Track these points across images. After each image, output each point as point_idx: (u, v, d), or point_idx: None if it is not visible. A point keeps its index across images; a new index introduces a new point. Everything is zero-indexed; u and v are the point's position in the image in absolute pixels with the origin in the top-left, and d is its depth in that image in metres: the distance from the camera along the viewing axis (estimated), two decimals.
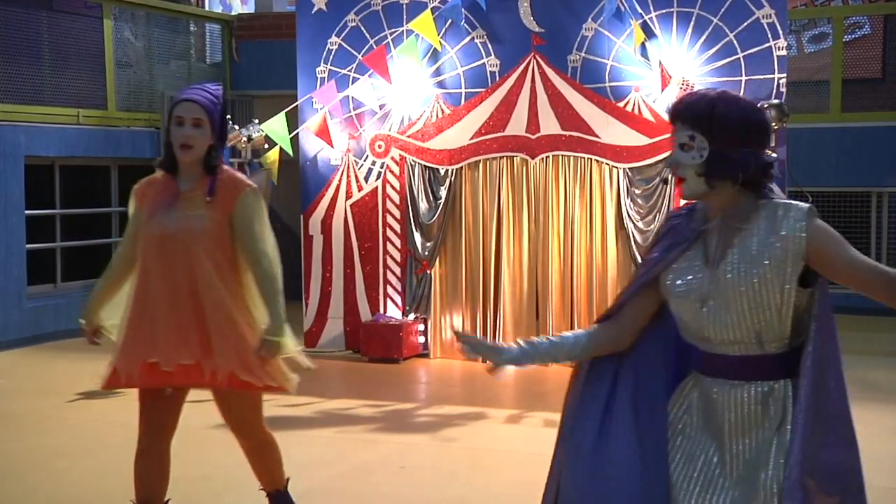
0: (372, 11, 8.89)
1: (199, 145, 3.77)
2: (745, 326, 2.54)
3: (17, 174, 9.65)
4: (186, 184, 3.83)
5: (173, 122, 3.79)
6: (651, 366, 2.79)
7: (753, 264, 2.52)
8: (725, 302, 2.55)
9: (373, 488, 5.36)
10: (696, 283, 2.60)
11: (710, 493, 2.60)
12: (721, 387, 2.60)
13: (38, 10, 10.31)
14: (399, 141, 8.85)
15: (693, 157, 2.53)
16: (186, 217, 3.77)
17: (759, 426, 2.57)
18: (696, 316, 2.60)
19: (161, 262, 3.78)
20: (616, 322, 2.78)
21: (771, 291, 2.51)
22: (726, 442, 2.61)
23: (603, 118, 8.23)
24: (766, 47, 7.81)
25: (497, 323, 8.66)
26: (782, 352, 2.58)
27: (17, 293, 9.66)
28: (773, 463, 2.53)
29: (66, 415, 6.97)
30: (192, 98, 3.81)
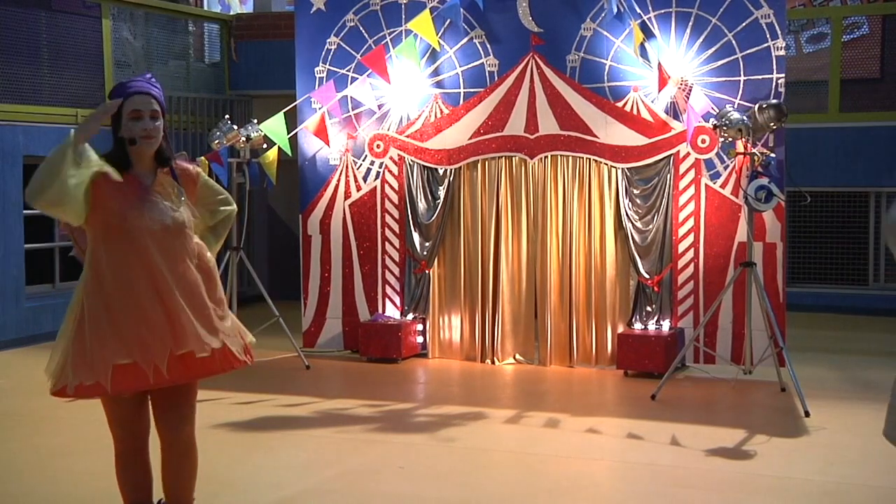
0: (371, 11, 8.89)
1: (159, 136, 3.83)
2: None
3: (15, 174, 9.65)
4: (146, 177, 3.85)
5: (128, 116, 3.77)
6: None
7: None
8: None
9: (371, 488, 5.36)
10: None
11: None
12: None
13: (37, 9, 10.30)
14: (398, 141, 8.85)
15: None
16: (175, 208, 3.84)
17: None
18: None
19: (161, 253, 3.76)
20: None
21: None
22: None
23: (602, 118, 8.24)
24: (765, 47, 7.81)
25: (496, 322, 8.66)
26: None
27: (15, 293, 9.66)
28: None
29: (64, 415, 6.96)
30: (147, 91, 3.82)
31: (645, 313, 8.24)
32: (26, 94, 9.99)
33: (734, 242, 7.93)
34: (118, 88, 3.85)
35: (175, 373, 3.71)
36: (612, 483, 5.62)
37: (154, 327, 3.70)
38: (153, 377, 3.69)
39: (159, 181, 3.85)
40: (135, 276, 3.74)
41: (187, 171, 3.96)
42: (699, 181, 8.02)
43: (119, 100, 3.79)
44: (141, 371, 3.68)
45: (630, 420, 6.74)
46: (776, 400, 7.36)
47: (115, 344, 3.70)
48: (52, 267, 10.39)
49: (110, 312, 3.73)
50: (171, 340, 3.70)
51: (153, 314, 3.71)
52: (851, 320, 10.92)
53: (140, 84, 3.85)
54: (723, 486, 5.38)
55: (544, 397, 7.56)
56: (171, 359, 3.69)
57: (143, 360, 3.69)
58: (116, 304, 3.74)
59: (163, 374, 3.68)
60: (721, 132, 7.36)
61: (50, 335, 9.81)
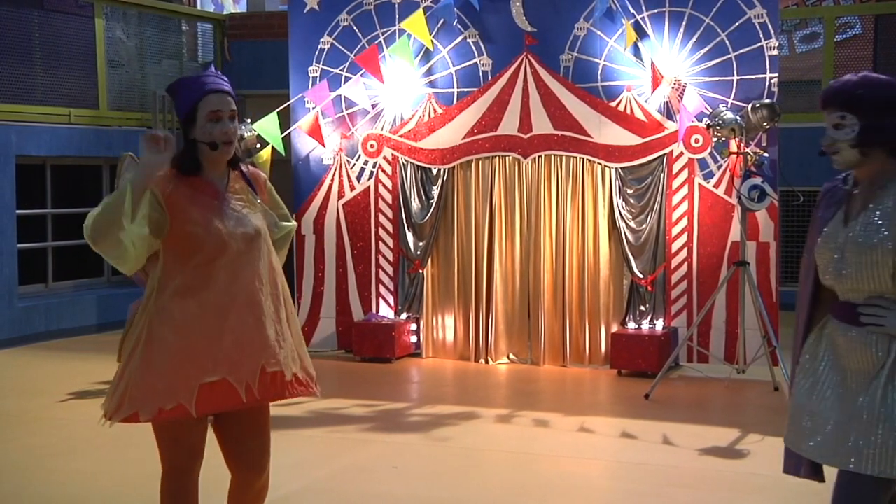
0: (364, 11, 8.89)
1: (236, 139, 3.47)
2: (861, 279, 2.95)
3: (7, 174, 9.63)
4: (219, 181, 3.44)
5: (207, 118, 3.37)
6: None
7: (879, 226, 2.93)
8: (849, 256, 2.97)
9: (365, 488, 5.36)
10: (832, 236, 3.05)
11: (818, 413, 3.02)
12: (843, 330, 3.01)
13: (30, 9, 10.28)
14: (391, 140, 8.84)
15: (846, 133, 2.98)
16: (255, 214, 3.48)
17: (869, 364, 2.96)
18: (827, 266, 3.03)
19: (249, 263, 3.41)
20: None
21: (886, 252, 2.90)
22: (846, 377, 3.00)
23: (595, 118, 8.24)
24: (758, 47, 7.82)
25: (489, 322, 8.66)
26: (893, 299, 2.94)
27: (7, 293, 9.64)
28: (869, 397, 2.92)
29: (57, 415, 6.95)
30: (225, 89, 3.45)
31: (638, 313, 8.24)
32: (19, 93, 9.97)
33: (727, 242, 7.94)
34: (190, 86, 3.42)
35: (264, 391, 3.38)
36: (606, 482, 5.63)
37: (244, 341, 3.35)
38: (245, 395, 3.34)
39: (233, 185, 3.47)
40: (223, 286, 3.35)
41: (258, 176, 3.58)
42: (692, 181, 8.03)
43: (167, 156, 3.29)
44: (231, 389, 3.32)
45: (623, 419, 6.75)
46: (769, 399, 7.37)
47: (201, 361, 3.31)
48: (45, 267, 10.37)
49: (187, 331, 3.32)
50: (262, 355, 3.36)
51: (244, 327, 3.35)
52: None
53: (215, 81, 3.44)
54: (716, 485, 5.38)
55: (538, 397, 7.56)
56: (262, 375, 3.36)
57: (235, 377, 3.33)
58: (197, 322, 3.33)
59: (253, 392, 3.35)
60: (714, 132, 7.37)
61: (42, 335, 9.85)
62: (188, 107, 3.39)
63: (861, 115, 2.95)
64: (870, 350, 2.95)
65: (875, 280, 2.93)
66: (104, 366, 7.92)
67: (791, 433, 3.15)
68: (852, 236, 2.98)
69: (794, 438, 3.13)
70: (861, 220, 2.98)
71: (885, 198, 2.95)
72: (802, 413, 3.09)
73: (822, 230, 3.11)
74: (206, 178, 3.42)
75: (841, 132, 2.99)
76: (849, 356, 3.00)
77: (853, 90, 2.98)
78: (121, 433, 4.06)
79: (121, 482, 5.41)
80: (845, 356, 3.01)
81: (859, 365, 2.97)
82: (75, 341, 9.75)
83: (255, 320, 3.38)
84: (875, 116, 2.94)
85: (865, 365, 2.96)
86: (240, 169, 3.52)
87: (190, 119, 3.39)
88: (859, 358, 2.97)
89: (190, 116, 3.39)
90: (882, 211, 2.94)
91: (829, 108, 3.03)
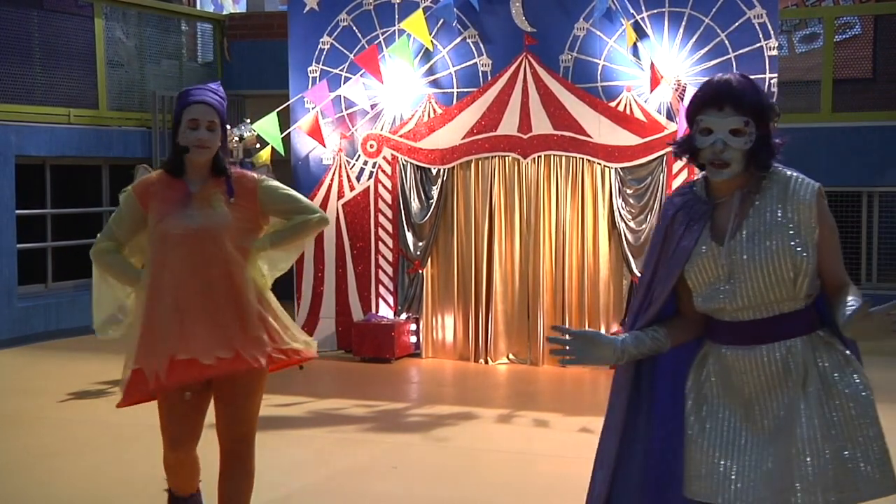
0: (364, 11, 8.89)
1: (213, 146, 3.79)
2: (759, 293, 2.65)
3: (7, 174, 9.63)
4: (196, 184, 3.81)
5: (186, 125, 3.76)
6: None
7: (768, 234, 2.65)
8: (743, 273, 2.66)
9: (364, 488, 5.36)
10: (709, 257, 2.71)
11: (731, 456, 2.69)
12: (736, 352, 2.70)
13: (29, 9, 10.28)
14: (391, 140, 8.85)
15: (745, 141, 2.65)
16: (210, 214, 3.76)
17: (782, 384, 2.67)
18: (712, 288, 2.70)
19: (186, 260, 3.72)
20: (683, 313, 2.87)
21: (784, 258, 2.63)
22: (752, 404, 2.70)
23: (595, 118, 8.24)
24: (758, 47, 7.83)
25: (489, 322, 8.66)
26: (796, 310, 2.70)
27: (7, 293, 9.64)
28: (806, 417, 2.62)
29: (57, 415, 6.95)
30: (206, 101, 3.80)
31: None
32: (18, 93, 9.97)
33: None
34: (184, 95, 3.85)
35: (173, 376, 3.66)
36: None
37: (166, 333, 3.69)
38: (153, 382, 3.68)
39: (206, 188, 3.80)
40: (163, 279, 3.73)
41: (244, 179, 3.86)
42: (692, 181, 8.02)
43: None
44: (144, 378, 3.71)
45: None
46: None
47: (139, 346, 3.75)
48: (45, 267, 10.37)
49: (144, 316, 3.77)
50: (175, 345, 3.66)
51: (167, 319, 3.70)
52: None
53: (201, 93, 3.83)
54: None
55: (537, 397, 7.56)
56: (172, 363, 3.65)
57: (146, 365, 3.70)
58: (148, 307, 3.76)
59: (161, 379, 3.66)
60: None
61: (42, 335, 9.85)
62: (176, 114, 3.83)
63: (760, 124, 2.67)
64: (780, 366, 2.66)
65: (778, 289, 2.64)
66: (104, 366, 7.93)
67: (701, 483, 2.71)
68: (739, 252, 2.65)
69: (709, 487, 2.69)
70: (745, 235, 2.66)
71: (766, 205, 2.66)
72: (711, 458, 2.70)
73: (681, 248, 2.75)
74: (184, 180, 3.82)
75: (740, 139, 2.64)
76: (755, 381, 2.68)
77: (756, 95, 2.68)
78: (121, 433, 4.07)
79: (121, 482, 5.41)
80: (749, 382, 2.68)
81: (768, 385, 2.67)
82: (75, 341, 9.74)
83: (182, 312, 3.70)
84: (766, 126, 2.69)
85: (776, 385, 2.66)
86: (225, 175, 3.82)
87: (177, 124, 3.81)
88: (767, 378, 2.66)
89: (177, 122, 3.82)
90: (767, 218, 2.65)
91: (728, 107, 2.66)
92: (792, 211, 2.64)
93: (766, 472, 2.64)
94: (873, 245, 11.34)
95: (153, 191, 3.82)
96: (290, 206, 3.92)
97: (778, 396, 2.68)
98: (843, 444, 2.63)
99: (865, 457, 2.64)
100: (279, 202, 3.90)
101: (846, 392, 2.67)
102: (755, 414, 2.70)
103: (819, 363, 2.69)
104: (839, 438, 2.63)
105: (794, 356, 2.67)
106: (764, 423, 2.69)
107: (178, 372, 3.65)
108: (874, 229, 11.36)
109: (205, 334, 3.67)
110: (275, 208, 3.89)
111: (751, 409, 2.70)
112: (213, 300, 3.71)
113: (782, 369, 2.67)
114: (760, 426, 2.69)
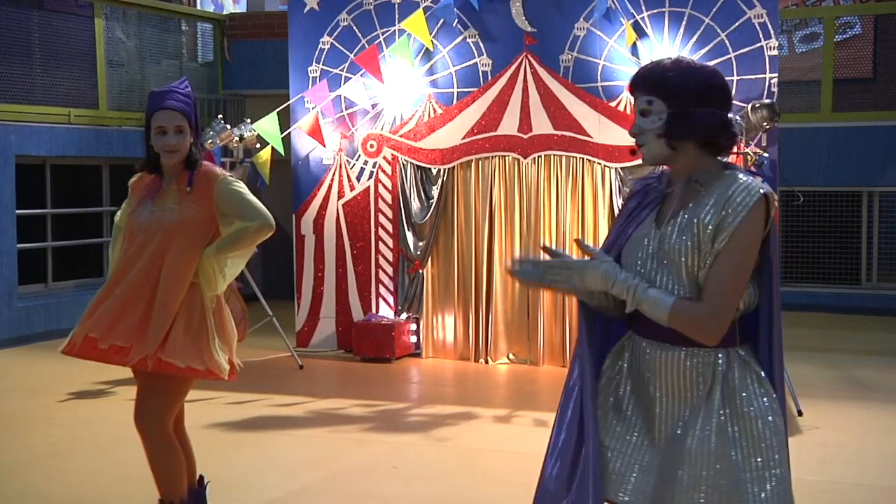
0: (364, 11, 8.89)
1: (183, 149, 3.99)
2: (671, 288, 2.55)
3: (7, 173, 9.63)
4: (169, 180, 4.05)
5: (154, 131, 3.97)
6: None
7: (690, 228, 2.54)
8: (659, 261, 2.58)
9: (365, 488, 5.36)
10: (639, 240, 2.64)
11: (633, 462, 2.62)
12: (652, 347, 2.62)
13: (29, 8, 10.27)
14: (391, 140, 8.85)
15: (653, 120, 2.58)
16: (161, 211, 3.99)
17: (687, 391, 2.58)
18: (636, 272, 2.61)
19: (138, 253, 3.98)
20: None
21: (693, 257, 2.53)
22: (655, 405, 2.62)
23: (595, 118, 8.24)
24: (758, 47, 7.83)
25: (489, 322, 8.66)
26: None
27: (7, 293, 9.64)
28: (700, 428, 2.53)
29: (58, 415, 6.95)
30: (171, 107, 3.97)
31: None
32: (18, 93, 9.97)
33: None
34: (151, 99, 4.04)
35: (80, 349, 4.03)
36: None
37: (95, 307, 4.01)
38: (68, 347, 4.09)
39: (173, 184, 4.03)
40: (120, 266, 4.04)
41: (206, 175, 4.04)
42: None
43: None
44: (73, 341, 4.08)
45: None
46: None
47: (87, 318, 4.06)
48: (45, 267, 10.37)
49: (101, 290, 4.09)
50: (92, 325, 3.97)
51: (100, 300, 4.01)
52: (844, 320, 10.94)
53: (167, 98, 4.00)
54: None
55: (537, 397, 7.56)
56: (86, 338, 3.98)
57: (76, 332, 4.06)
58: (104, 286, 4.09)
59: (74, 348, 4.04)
60: None
61: (42, 335, 9.84)
62: (147, 118, 4.05)
63: (669, 101, 2.56)
64: (689, 373, 2.57)
65: (687, 288, 2.54)
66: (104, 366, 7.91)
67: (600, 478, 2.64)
68: (663, 241, 2.58)
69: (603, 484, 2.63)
70: (676, 223, 2.57)
71: (705, 200, 2.55)
72: (607, 452, 2.65)
73: (629, 230, 2.70)
74: (160, 176, 4.07)
75: (647, 119, 2.59)
76: (661, 380, 2.60)
77: (662, 73, 2.58)
78: (122, 433, 4.07)
79: (121, 482, 5.41)
80: (656, 379, 2.61)
81: (674, 389, 2.59)
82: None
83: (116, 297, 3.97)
84: (684, 103, 2.55)
85: (682, 390, 2.58)
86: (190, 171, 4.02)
87: (147, 128, 4.04)
88: (675, 382, 2.58)
89: (147, 126, 4.04)
90: (698, 214, 2.54)
91: (636, 91, 2.63)
92: (719, 213, 2.50)
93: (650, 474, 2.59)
94: (873, 245, 11.34)
95: (141, 185, 4.13)
96: (237, 211, 4.05)
97: (680, 405, 2.59)
98: (738, 464, 2.51)
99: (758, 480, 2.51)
100: (232, 205, 4.04)
101: (749, 412, 2.54)
102: (655, 420, 2.62)
103: (730, 379, 2.56)
104: (734, 456, 2.51)
105: (705, 367, 2.56)
106: (662, 429, 2.61)
107: (84, 347, 4.00)
108: (874, 229, 11.37)
109: (113, 320, 3.92)
110: (228, 210, 4.04)
111: (654, 413, 2.63)
112: (137, 293, 3.94)
113: (691, 377, 2.57)
114: (657, 430, 2.62)
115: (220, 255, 4.01)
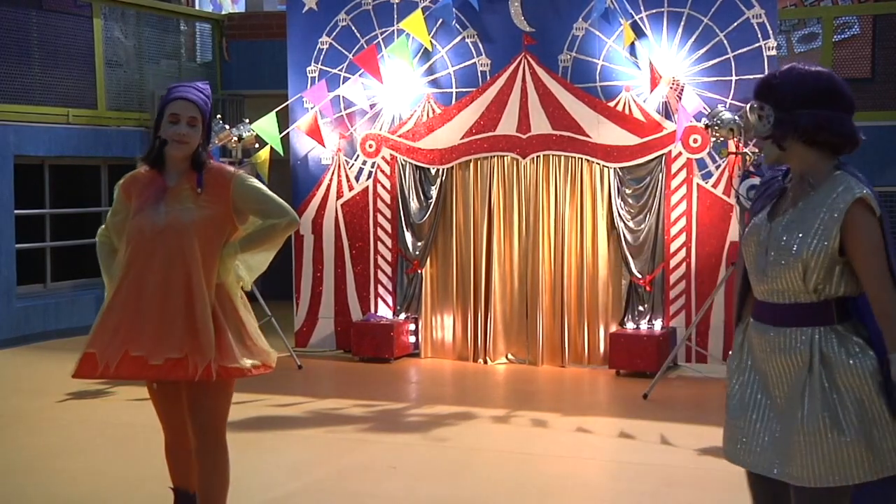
0: (363, 11, 8.89)
1: (192, 142, 3.85)
2: (777, 279, 2.86)
3: (6, 173, 9.63)
4: (173, 179, 3.88)
5: (167, 119, 3.83)
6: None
7: (801, 224, 2.83)
8: (771, 253, 2.87)
9: (363, 488, 5.36)
10: (755, 231, 2.96)
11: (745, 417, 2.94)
12: (759, 330, 2.93)
13: (28, 8, 10.27)
14: (390, 140, 8.85)
15: (764, 124, 2.89)
16: (176, 211, 3.81)
17: (791, 369, 2.85)
18: (750, 262, 2.96)
19: (152, 256, 3.77)
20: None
21: (799, 251, 2.80)
22: (770, 380, 2.91)
23: (594, 118, 8.24)
24: (756, 47, 7.83)
25: (488, 322, 8.67)
26: (811, 302, 2.85)
27: (6, 293, 9.63)
28: (808, 404, 2.80)
29: (57, 415, 6.95)
30: (188, 97, 3.86)
31: (637, 313, 8.25)
32: (17, 93, 9.96)
33: (726, 242, 7.95)
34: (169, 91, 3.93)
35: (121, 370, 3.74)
36: (604, 482, 5.63)
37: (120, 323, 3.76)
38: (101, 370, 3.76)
39: (181, 184, 3.86)
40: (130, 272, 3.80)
41: (219, 175, 3.90)
42: (691, 181, 8.04)
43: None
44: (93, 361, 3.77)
45: (622, 419, 6.75)
46: None
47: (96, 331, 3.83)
48: (44, 267, 10.37)
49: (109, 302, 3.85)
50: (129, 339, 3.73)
51: (125, 311, 3.77)
52: None
53: (184, 90, 3.91)
54: (714, 485, 5.38)
55: (536, 397, 7.57)
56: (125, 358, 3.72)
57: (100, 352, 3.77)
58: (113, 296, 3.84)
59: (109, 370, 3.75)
60: (713, 132, 7.37)
61: (41, 335, 9.84)
62: (160, 108, 3.90)
63: (776, 105, 2.86)
64: (790, 354, 2.85)
65: (789, 279, 2.84)
66: None
67: (730, 446, 3.01)
68: (774, 233, 2.88)
69: (733, 450, 3.00)
70: (787, 218, 2.88)
71: (816, 200, 2.84)
72: (736, 425, 2.98)
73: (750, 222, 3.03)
74: (163, 174, 3.90)
75: (760, 123, 2.91)
76: (768, 360, 2.90)
77: (769, 80, 2.91)
78: (122, 433, 4.07)
79: (121, 482, 5.41)
80: (765, 360, 2.91)
81: (780, 369, 2.88)
82: (74, 341, 9.72)
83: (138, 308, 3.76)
84: (789, 107, 2.84)
85: (786, 369, 2.86)
86: (199, 171, 3.87)
87: (159, 118, 3.88)
88: (779, 362, 2.87)
89: (160, 116, 3.89)
90: (808, 212, 2.84)
91: (754, 99, 2.96)
92: (826, 213, 2.80)
93: (767, 440, 2.88)
94: None
95: (137, 185, 3.92)
96: (262, 207, 3.94)
97: (785, 377, 2.86)
98: (841, 427, 2.76)
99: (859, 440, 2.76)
100: (251, 202, 3.92)
101: (849, 378, 2.79)
102: (772, 391, 2.90)
103: (828, 352, 2.81)
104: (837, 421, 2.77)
105: (802, 343, 2.82)
106: (777, 401, 2.88)
107: (127, 367, 3.73)
108: None
109: (156, 333, 3.72)
110: (247, 207, 3.92)
111: (771, 385, 2.91)
112: (169, 299, 3.74)
113: (788, 354, 2.84)
114: (774, 403, 2.89)
115: (244, 251, 3.93)
